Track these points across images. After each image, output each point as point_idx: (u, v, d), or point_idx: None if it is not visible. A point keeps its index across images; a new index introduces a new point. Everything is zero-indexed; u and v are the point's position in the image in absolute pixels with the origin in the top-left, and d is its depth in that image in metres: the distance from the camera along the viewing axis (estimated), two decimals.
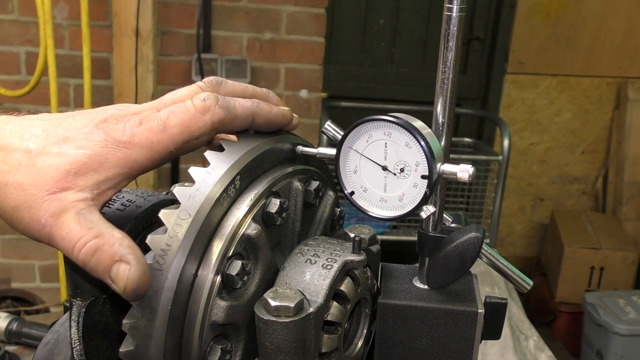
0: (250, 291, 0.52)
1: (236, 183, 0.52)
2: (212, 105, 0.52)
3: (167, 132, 0.51)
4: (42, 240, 0.50)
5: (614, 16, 3.97)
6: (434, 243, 0.59)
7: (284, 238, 0.58)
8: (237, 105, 0.54)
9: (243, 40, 2.91)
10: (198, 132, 0.52)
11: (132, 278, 0.46)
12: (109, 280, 0.47)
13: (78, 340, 0.55)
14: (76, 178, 0.49)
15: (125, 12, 2.43)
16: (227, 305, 0.49)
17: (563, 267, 3.83)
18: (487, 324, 0.59)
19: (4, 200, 0.50)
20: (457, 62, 0.57)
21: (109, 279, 0.47)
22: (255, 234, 0.51)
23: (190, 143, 0.52)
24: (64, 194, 0.49)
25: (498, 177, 3.14)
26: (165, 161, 0.52)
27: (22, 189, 0.49)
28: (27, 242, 2.98)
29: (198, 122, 0.51)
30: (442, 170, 0.56)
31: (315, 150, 0.61)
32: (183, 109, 0.52)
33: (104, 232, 0.48)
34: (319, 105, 3.04)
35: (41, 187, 0.49)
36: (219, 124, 0.53)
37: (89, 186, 0.49)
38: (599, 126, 4.19)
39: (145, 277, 0.47)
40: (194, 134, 0.51)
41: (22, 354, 1.38)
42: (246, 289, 0.52)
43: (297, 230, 0.58)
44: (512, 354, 2.66)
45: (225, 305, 0.49)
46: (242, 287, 0.51)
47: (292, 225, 0.58)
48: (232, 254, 0.50)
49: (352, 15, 3.82)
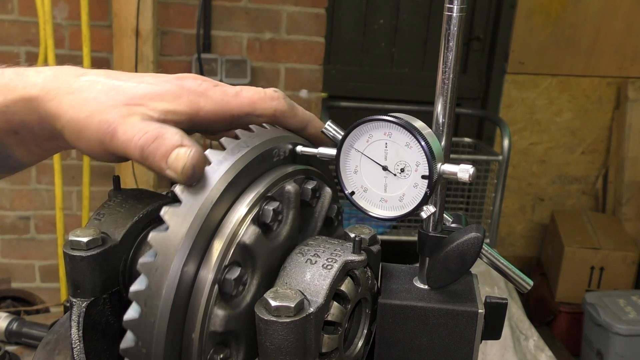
0: (247, 299, 0.52)
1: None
2: (280, 97, 0.61)
3: (237, 99, 0.58)
4: (105, 142, 0.54)
5: (614, 16, 3.97)
6: (434, 243, 0.59)
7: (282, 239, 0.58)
8: (299, 108, 0.63)
9: (243, 40, 2.91)
10: (261, 111, 0.59)
11: (192, 157, 0.50)
12: (165, 165, 0.51)
13: (78, 340, 0.55)
14: (149, 101, 0.55)
15: (125, 12, 2.43)
16: (225, 314, 0.49)
17: (563, 267, 3.83)
18: (487, 324, 0.59)
19: (78, 111, 0.55)
20: (457, 62, 0.57)
21: (165, 164, 0.51)
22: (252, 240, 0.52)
23: (250, 117, 0.59)
24: (136, 107, 0.54)
25: (498, 177, 3.14)
26: (224, 124, 0.59)
27: (98, 102, 0.55)
28: (27, 242, 2.98)
29: (264, 104, 0.59)
30: (443, 170, 0.56)
31: (316, 151, 0.61)
32: (256, 90, 0.60)
33: (167, 127, 0.53)
34: (319, 105, 3.04)
35: (118, 100, 0.55)
36: (280, 113, 0.60)
37: (159, 110, 0.55)
38: (599, 126, 4.19)
39: (202, 160, 0.51)
40: (257, 111, 0.59)
41: (22, 354, 1.38)
42: (244, 297, 0.52)
43: (295, 230, 0.58)
44: (512, 354, 2.66)
45: (224, 314, 0.49)
46: (239, 294, 0.51)
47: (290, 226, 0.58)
48: (229, 262, 0.50)
49: (352, 15, 3.82)
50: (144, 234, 0.61)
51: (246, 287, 0.52)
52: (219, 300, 0.49)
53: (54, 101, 0.57)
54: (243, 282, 0.51)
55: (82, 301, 0.56)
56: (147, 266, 0.47)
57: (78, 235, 0.56)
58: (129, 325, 0.47)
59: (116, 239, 0.58)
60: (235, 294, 0.50)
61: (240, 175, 0.52)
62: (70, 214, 2.86)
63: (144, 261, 0.47)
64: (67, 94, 0.57)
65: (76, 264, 0.55)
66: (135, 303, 0.47)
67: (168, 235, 0.48)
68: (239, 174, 0.52)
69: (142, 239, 0.61)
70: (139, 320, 0.47)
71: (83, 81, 0.57)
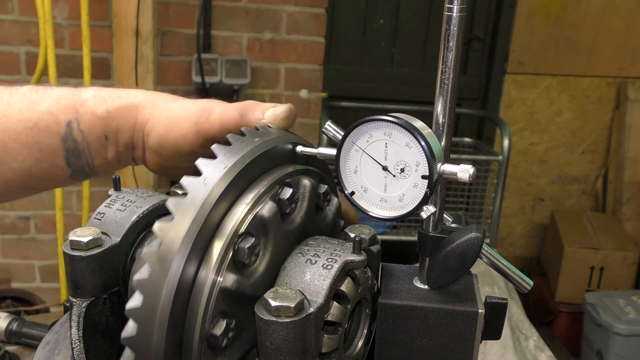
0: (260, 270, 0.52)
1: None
2: None
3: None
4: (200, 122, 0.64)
5: (614, 16, 3.97)
6: (435, 243, 0.59)
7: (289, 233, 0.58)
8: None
9: (243, 40, 2.91)
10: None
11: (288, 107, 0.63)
12: (262, 116, 0.63)
13: (78, 340, 0.55)
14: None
15: (125, 12, 2.42)
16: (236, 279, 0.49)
17: (563, 267, 3.83)
18: (487, 324, 0.59)
19: (174, 110, 0.68)
20: (457, 62, 0.57)
21: (263, 115, 0.63)
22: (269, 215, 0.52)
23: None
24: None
25: (498, 177, 3.14)
26: None
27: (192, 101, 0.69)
28: (27, 242, 2.98)
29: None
30: (443, 170, 0.56)
31: (316, 151, 0.61)
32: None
33: None
34: (319, 105, 3.04)
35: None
36: None
37: None
38: (599, 126, 4.19)
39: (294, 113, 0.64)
40: None
41: (22, 354, 1.38)
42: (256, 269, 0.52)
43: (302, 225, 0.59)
44: (512, 354, 2.66)
45: (235, 278, 0.49)
46: (252, 264, 0.51)
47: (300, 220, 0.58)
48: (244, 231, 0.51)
49: (352, 15, 3.82)
50: (144, 234, 0.61)
51: (258, 259, 0.52)
52: (231, 266, 0.50)
53: (153, 108, 0.69)
54: (256, 252, 0.51)
55: (82, 301, 0.56)
56: (141, 283, 0.46)
57: (78, 235, 0.56)
58: (131, 313, 0.47)
59: (116, 239, 0.58)
60: (247, 263, 0.50)
61: (241, 175, 0.52)
62: (70, 214, 2.86)
63: (139, 278, 0.46)
64: (165, 103, 0.69)
65: (76, 264, 0.56)
66: (138, 292, 0.47)
67: (172, 225, 0.47)
68: (240, 173, 0.52)
69: (142, 239, 0.61)
70: (142, 308, 0.46)
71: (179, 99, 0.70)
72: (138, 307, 0.46)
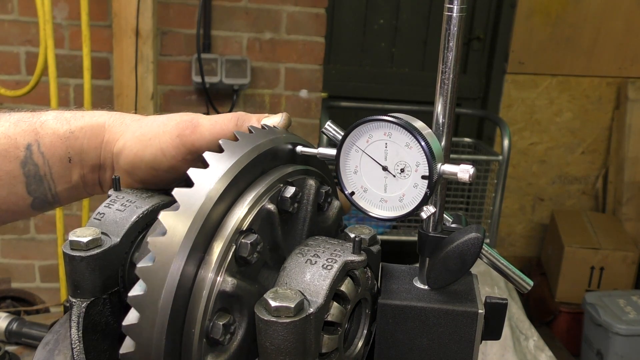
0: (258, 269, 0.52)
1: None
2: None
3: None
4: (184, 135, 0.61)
5: (614, 16, 3.97)
6: (434, 243, 0.59)
7: (292, 232, 0.58)
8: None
9: (243, 40, 2.91)
10: None
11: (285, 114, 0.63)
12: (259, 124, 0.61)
13: (78, 340, 0.55)
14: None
15: (125, 12, 2.42)
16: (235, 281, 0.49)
17: (563, 267, 3.82)
18: (487, 324, 0.59)
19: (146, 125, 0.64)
20: (457, 62, 0.57)
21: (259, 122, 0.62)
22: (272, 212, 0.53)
23: None
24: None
25: (498, 177, 3.14)
26: None
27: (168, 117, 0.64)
28: (27, 242, 2.98)
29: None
30: (443, 170, 0.56)
31: (316, 151, 0.61)
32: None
33: None
34: (319, 105, 3.04)
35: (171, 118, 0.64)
36: None
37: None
38: (599, 126, 4.19)
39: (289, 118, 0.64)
40: None
41: (22, 354, 1.38)
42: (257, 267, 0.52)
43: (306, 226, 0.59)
44: (512, 354, 2.66)
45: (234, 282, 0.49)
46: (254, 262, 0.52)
47: (302, 220, 0.58)
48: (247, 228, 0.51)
49: (352, 15, 3.82)
50: (143, 234, 0.61)
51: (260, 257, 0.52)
52: (230, 266, 0.50)
53: (122, 127, 0.65)
54: (258, 250, 0.51)
55: (82, 301, 0.56)
56: (145, 270, 0.47)
57: (78, 235, 0.56)
58: (128, 330, 0.47)
59: (116, 239, 0.58)
60: (249, 260, 0.51)
61: (239, 177, 0.52)
62: (70, 214, 2.86)
63: (142, 266, 0.47)
64: (134, 121, 0.65)
65: (76, 264, 0.55)
66: (134, 308, 0.47)
67: (166, 239, 0.47)
68: (237, 175, 0.52)
69: (142, 239, 0.61)
70: (138, 325, 0.47)
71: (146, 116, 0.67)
72: (140, 294, 0.46)
